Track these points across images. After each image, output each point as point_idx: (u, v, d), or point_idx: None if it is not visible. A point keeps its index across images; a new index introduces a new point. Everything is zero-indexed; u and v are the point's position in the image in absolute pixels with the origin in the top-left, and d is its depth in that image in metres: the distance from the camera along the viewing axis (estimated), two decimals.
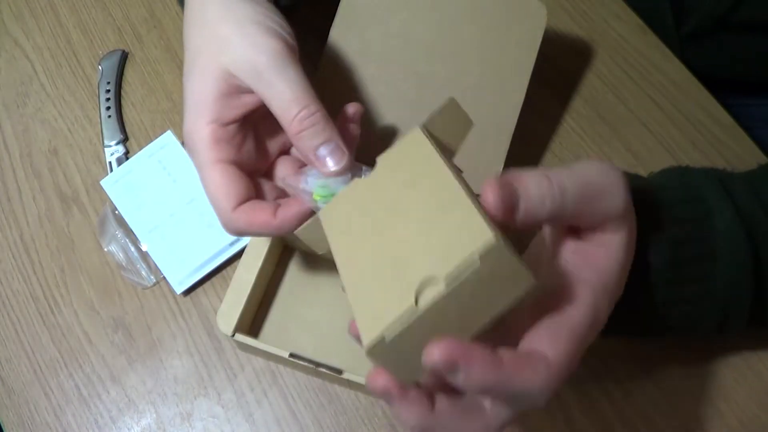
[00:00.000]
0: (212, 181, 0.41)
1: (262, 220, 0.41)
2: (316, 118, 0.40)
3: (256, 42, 0.40)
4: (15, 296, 0.56)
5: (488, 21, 0.53)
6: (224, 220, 0.42)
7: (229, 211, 0.41)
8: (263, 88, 0.40)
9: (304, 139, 0.40)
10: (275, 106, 0.40)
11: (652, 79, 0.61)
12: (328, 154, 0.41)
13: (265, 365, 0.53)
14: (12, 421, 0.53)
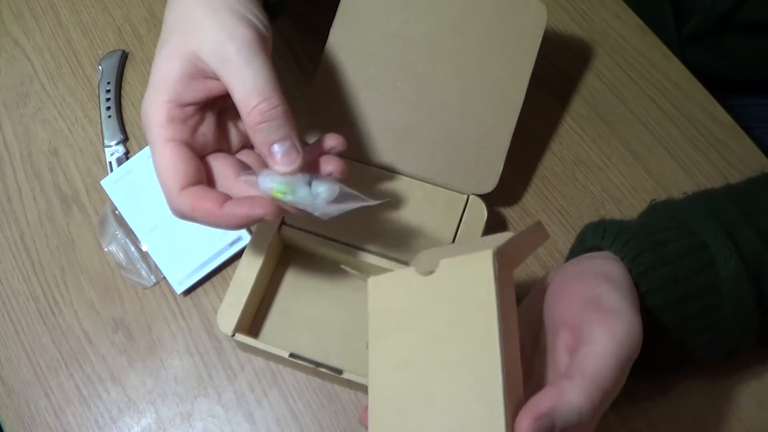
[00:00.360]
0: (162, 158, 0.41)
1: (207, 207, 0.40)
2: (276, 112, 0.40)
3: (228, 28, 0.40)
4: (15, 296, 0.56)
5: (488, 21, 0.53)
6: (170, 201, 0.41)
7: (175, 191, 0.40)
8: (228, 75, 0.40)
9: (261, 131, 0.40)
10: (237, 95, 0.40)
11: (652, 79, 0.61)
12: (281, 152, 0.40)
13: (265, 365, 0.53)
14: (12, 421, 0.53)
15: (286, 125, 0.40)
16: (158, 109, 0.41)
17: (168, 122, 0.41)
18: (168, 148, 0.41)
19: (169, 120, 0.41)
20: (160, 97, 0.41)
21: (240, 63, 0.39)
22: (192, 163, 0.41)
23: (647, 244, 0.42)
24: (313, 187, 0.41)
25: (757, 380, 0.51)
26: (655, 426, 0.50)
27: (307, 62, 0.62)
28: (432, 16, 0.54)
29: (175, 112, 0.41)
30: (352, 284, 0.54)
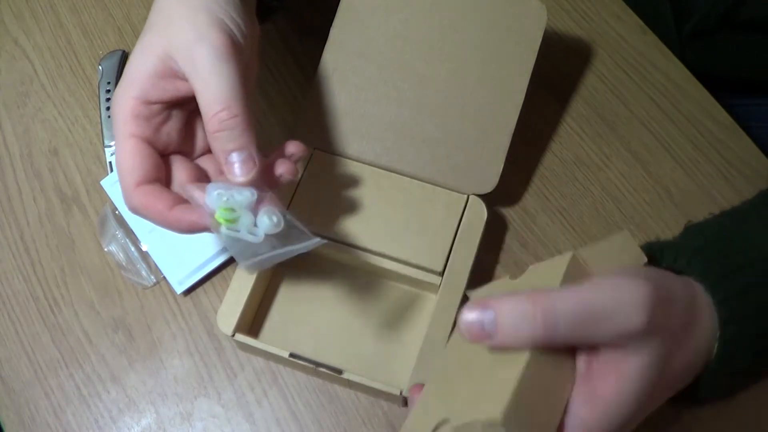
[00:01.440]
0: (122, 153, 0.41)
1: (157, 208, 0.40)
2: (235, 121, 0.39)
3: (200, 31, 0.40)
4: (15, 296, 0.56)
5: (488, 21, 0.53)
6: (125, 195, 0.41)
7: (131, 187, 0.40)
8: (194, 79, 0.40)
9: (219, 139, 0.40)
10: (201, 100, 0.40)
11: (652, 79, 0.61)
12: (238, 161, 0.40)
13: (265, 365, 0.53)
14: (12, 421, 0.53)
15: (244, 135, 0.40)
16: (125, 103, 0.41)
17: (132, 118, 0.41)
18: (129, 143, 0.41)
19: (133, 116, 0.41)
20: (128, 91, 0.41)
21: (206, 68, 0.39)
22: (151, 160, 0.41)
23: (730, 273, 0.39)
24: (259, 215, 0.40)
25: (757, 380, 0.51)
26: (655, 426, 0.50)
27: (307, 62, 0.62)
28: (432, 16, 0.54)
29: (140, 108, 0.41)
30: (352, 284, 0.54)
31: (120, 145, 0.41)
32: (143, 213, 0.41)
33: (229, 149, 0.40)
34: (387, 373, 0.51)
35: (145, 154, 0.41)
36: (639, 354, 0.34)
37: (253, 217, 0.40)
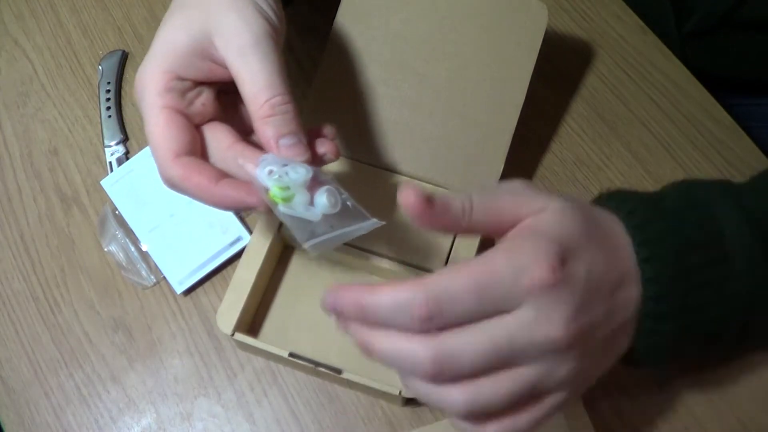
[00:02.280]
0: (156, 125, 0.40)
1: (199, 181, 0.39)
2: (288, 107, 0.39)
3: (246, 18, 0.40)
4: (15, 296, 0.56)
5: (488, 21, 0.53)
6: (161, 169, 0.40)
7: (168, 158, 0.39)
8: (240, 67, 0.39)
9: (270, 124, 0.39)
10: (248, 87, 0.39)
11: (652, 79, 0.61)
12: (289, 145, 0.40)
13: (265, 365, 0.53)
14: (12, 421, 0.53)
15: (295, 121, 0.40)
16: (156, 77, 0.40)
17: (165, 91, 0.40)
18: (163, 115, 0.40)
19: (166, 89, 0.40)
20: (160, 65, 0.40)
21: (256, 56, 0.39)
22: (187, 132, 0.40)
23: (645, 203, 0.40)
24: (317, 194, 0.39)
25: (758, 380, 0.51)
26: (655, 426, 0.50)
27: (307, 62, 0.62)
28: (432, 16, 0.54)
29: (172, 83, 0.40)
30: None
31: (152, 118, 0.40)
32: (183, 186, 0.39)
33: (283, 134, 0.39)
34: (387, 373, 0.51)
35: (181, 126, 0.40)
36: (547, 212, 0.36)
37: (309, 196, 0.39)
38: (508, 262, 0.33)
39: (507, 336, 0.33)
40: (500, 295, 0.33)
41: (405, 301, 0.33)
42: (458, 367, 0.33)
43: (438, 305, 0.32)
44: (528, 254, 0.33)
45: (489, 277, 0.33)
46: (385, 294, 0.33)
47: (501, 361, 0.33)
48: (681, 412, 0.51)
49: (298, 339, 0.53)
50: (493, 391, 0.34)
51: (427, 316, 0.32)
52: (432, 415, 0.51)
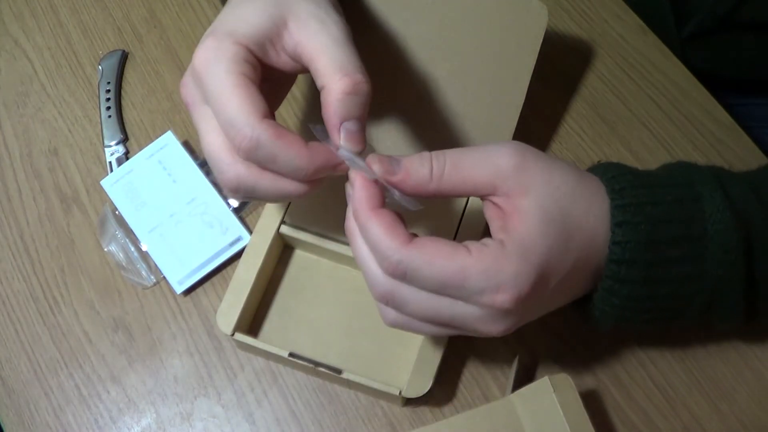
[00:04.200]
0: (237, 85, 0.38)
1: (293, 138, 0.38)
2: (366, 91, 0.39)
3: (330, 13, 0.41)
4: (15, 296, 0.56)
5: (489, 21, 0.53)
6: (246, 128, 0.37)
7: (256, 117, 0.37)
8: (323, 37, 0.39)
9: (344, 102, 0.38)
10: (327, 59, 0.39)
11: (652, 79, 0.61)
12: (352, 131, 0.39)
13: (265, 365, 0.53)
14: (12, 421, 0.53)
15: (366, 109, 0.39)
16: (232, 48, 0.39)
17: (243, 61, 0.39)
18: (242, 80, 0.38)
19: (244, 60, 0.39)
20: (238, 39, 0.39)
21: (339, 31, 0.40)
22: (265, 103, 0.38)
23: (630, 173, 0.41)
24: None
25: (757, 380, 0.51)
26: (655, 426, 0.50)
27: None
28: (432, 16, 0.54)
29: (249, 57, 0.39)
30: (352, 284, 0.54)
31: (228, 82, 0.38)
32: (273, 147, 0.37)
33: (350, 114, 0.38)
34: (386, 373, 0.51)
35: (260, 95, 0.38)
36: (527, 198, 0.38)
37: None
38: (481, 276, 0.36)
39: (450, 315, 0.38)
40: (460, 296, 0.37)
41: (383, 249, 0.37)
42: (401, 308, 0.38)
43: (403, 273, 0.37)
44: (505, 277, 0.36)
45: (458, 281, 0.36)
46: (376, 227, 0.37)
47: (439, 319, 0.38)
48: (681, 412, 0.51)
49: (298, 339, 0.53)
50: (420, 325, 0.39)
51: (391, 273, 0.37)
52: (432, 415, 0.51)
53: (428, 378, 0.48)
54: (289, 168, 0.38)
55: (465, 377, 0.52)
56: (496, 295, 0.36)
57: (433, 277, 0.36)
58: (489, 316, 0.37)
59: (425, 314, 0.38)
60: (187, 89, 0.41)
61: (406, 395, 0.48)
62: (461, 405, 0.51)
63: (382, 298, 0.38)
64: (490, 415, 0.46)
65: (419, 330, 0.40)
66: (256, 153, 0.38)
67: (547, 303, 0.40)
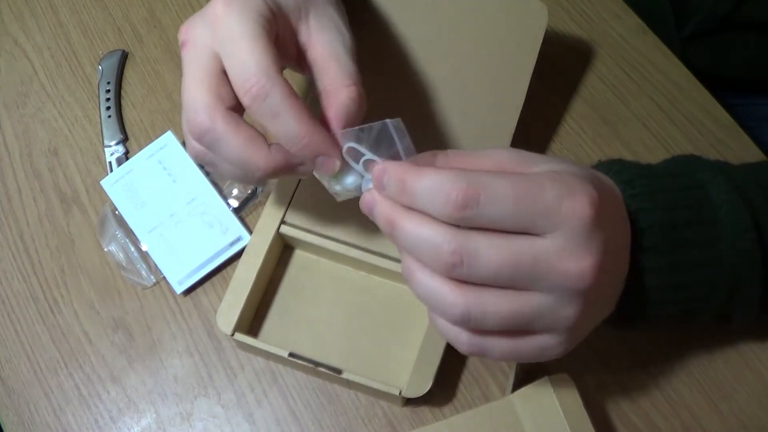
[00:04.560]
0: (259, 38, 0.37)
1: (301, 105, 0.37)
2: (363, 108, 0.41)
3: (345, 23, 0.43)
4: (15, 296, 0.56)
5: (489, 21, 0.53)
6: (262, 76, 0.36)
7: (275, 70, 0.37)
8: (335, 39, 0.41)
9: (351, 108, 0.39)
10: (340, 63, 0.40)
11: (652, 79, 0.61)
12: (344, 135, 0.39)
13: (265, 365, 0.53)
14: (12, 421, 0.53)
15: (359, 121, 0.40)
16: (263, 3, 0.39)
17: (267, 19, 0.38)
18: (266, 34, 0.38)
19: (268, 18, 0.38)
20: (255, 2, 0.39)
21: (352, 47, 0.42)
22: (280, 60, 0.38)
23: (634, 166, 0.41)
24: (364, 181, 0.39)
25: (757, 380, 0.51)
26: (655, 426, 0.50)
27: None
28: (432, 16, 0.54)
29: (272, 19, 0.39)
30: (352, 284, 0.54)
31: (252, 28, 0.37)
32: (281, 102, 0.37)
33: (352, 123, 0.39)
34: (386, 373, 0.51)
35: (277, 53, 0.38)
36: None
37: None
38: (553, 184, 0.33)
39: (531, 256, 0.33)
40: (538, 211, 0.32)
41: (447, 181, 0.32)
42: (475, 266, 0.33)
43: (476, 195, 0.32)
44: (574, 184, 0.33)
45: (533, 190, 0.32)
46: (429, 172, 0.33)
47: (516, 278, 0.33)
48: (681, 412, 0.51)
49: (298, 339, 0.53)
50: (494, 305, 0.34)
51: (463, 203, 0.32)
52: (432, 415, 0.51)
53: (428, 378, 0.48)
54: (286, 128, 0.37)
55: (465, 377, 0.52)
56: (573, 200, 0.33)
57: (509, 189, 0.32)
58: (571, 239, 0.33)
59: (505, 263, 0.33)
60: (190, 28, 0.40)
61: (406, 395, 0.48)
62: (461, 405, 0.51)
63: (452, 259, 0.32)
64: (490, 415, 0.46)
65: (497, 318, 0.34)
66: (262, 102, 0.37)
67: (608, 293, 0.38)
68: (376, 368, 0.51)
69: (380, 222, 0.35)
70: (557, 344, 0.36)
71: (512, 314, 0.34)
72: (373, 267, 0.52)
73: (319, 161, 0.39)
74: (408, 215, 0.34)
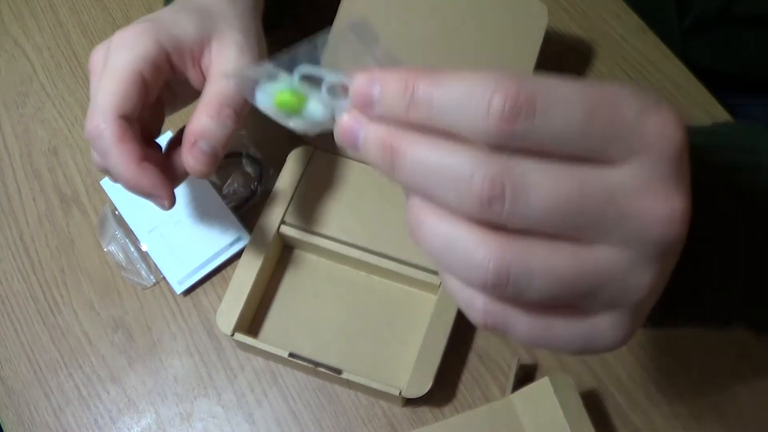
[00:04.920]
0: (122, 81, 0.41)
1: (130, 150, 0.41)
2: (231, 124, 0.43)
3: (252, 47, 0.45)
4: (15, 296, 0.56)
5: (489, 21, 0.53)
6: (99, 116, 0.40)
7: (113, 114, 0.40)
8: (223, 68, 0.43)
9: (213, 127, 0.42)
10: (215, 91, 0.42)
11: (652, 79, 0.61)
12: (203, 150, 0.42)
13: (265, 365, 0.53)
14: (12, 421, 0.53)
15: (225, 141, 0.42)
16: (153, 48, 0.42)
17: (152, 62, 0.42)
18: (134, 78, 0.41)
19: (154, 61, 0.42)
20: (164, 38, 0.42)
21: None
22: (139, 101, 0.41)
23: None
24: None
25: (758, 380, 0.51)
26: (655, 426, 0.50)
27: None
28: (433, 17, 0.54)
29: (162, 60, 0.42)
30: (352, 284, 0.54)
31: (122, 70, 0.41)
32: (109, 145, 0.40)
33: (211, 137, 0.42)
34: (386, 373, 0.51)
35: (139, 94, 0.41)
36: None
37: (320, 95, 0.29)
38: (633, 97, 0.23)
39: (604, 190, 0.23)
40: (616, 130, 0.23)
41: (487, 83, 0.22)
42: (521, 203, 0.22)
43: (531, 102, 0.22)
44: (658, 99, 0.24)
45: (609, 100, 0.23)
46: (455, 73, 0.23)
47: (580, 224, 0.23)
48: (681, 412, 0.51)
49: (298, 339, 0.53)
50: (544, 261, 0.23)
51: (512, 113, 0.22)
52: (432, 415, 0.51)
53: (428, 378, 0.48)
54: (115, 172, 0.41)
55: (465, 377, 0.52)
56: (658, 117, 0.23)
57: (576, 96, 0.22)
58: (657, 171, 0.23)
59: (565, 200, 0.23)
60: (97, 57, 0.44)
61: (406, 395, 0.48)
62: (461, 405, 0.51)
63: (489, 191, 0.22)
64: (490, 415, 0.46)
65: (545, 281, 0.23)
66: (95, 141, 0.41)
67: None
68: (376, 368, 0.51)
69: (372, 150, 0.25)
70: (616, 328, 0.25)
71: (569, 278, 0.23)
72: (373, 267, 0.52)
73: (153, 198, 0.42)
74: (419, 135, 0.24)
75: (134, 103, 0.41)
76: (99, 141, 0.40)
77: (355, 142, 0.26)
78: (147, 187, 0.41)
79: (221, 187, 0.58)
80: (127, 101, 0.41)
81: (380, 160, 0.25)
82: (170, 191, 0.42)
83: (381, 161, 0.25)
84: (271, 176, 0.57)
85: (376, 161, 0.25)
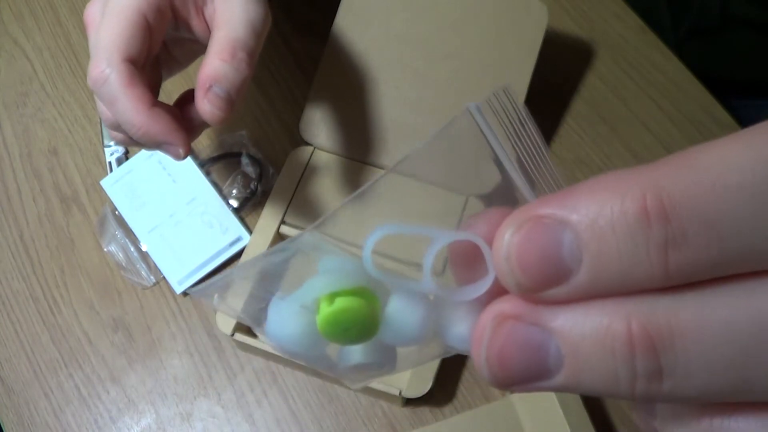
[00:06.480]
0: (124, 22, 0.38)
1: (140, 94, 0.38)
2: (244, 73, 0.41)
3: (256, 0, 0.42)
4: (15, 296, 0.56)
5: (489, 21, 0.53)
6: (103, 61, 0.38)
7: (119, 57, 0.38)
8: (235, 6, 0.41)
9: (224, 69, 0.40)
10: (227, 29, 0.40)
11: (652, 79, 0.61)
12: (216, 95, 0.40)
13: (265, 365, 0.53)
14: (12, 421, 0.53)
15: (238, 84, 0.40)
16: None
17: (155, 5, 0.39)
18: (137, 19, 0.39)
19: (157, 4, 0.39)
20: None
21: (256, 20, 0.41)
22: (143, 46, 0.39)
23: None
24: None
25: None
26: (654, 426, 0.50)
27: (307, 62, 0.62)
28: (433, 16, 0.54)
29: (165, 4, 0.40)
30: None
31: (124, 11, 0.38)
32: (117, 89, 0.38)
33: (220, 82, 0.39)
34: None
35: (145, 36, 0.39)
36: None
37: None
38: None
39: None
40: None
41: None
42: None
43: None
44: None
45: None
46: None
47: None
48: None
49: None
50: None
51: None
52: (432, 415, 0.51)
53: (428, 378, 0.48)
54: (123, 116, 0.38)
55: (465, 377, 0.52)
56: None
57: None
58: None
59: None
60: (94, 9, 0.41)
61: (406, 395, 0.48)
62: (461, 405, 0.51)
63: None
64: (490, 415, 0.46)
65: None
66: (100, 88, 0.38)
67: None
68: None
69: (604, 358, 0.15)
70: None
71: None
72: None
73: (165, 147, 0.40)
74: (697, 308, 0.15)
75: (139, 47, 0.38)
76: (105, 87, 0.38)
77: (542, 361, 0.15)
78: (159, 133, 0.38)
79: (221, 187, 0.58)
80: (132, 43, 0.38)
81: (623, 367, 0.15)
82: (184, 137, 0.39)
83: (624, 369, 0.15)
84: (271, 176, 0.57)
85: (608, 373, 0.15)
